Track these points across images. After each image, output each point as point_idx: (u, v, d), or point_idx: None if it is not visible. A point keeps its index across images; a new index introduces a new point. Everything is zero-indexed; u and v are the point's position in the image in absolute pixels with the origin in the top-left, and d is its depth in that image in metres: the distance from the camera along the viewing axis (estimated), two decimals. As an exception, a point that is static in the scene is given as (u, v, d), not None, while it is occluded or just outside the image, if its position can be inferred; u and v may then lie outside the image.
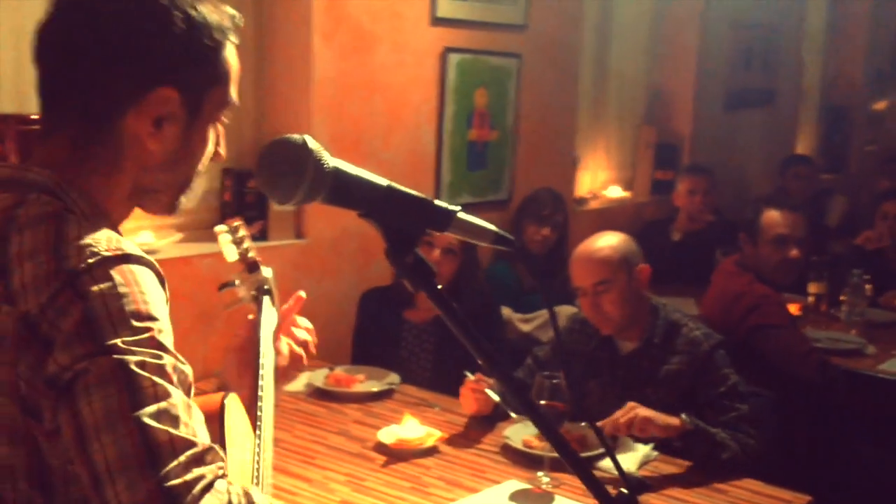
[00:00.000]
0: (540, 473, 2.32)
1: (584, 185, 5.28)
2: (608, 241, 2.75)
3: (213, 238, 3.33)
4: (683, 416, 2.44)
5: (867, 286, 4.01)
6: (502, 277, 4.05)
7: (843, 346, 3.64)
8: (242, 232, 1.76)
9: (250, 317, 1.70)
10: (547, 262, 4.23)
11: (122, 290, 1.03)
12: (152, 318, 1.05)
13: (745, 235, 3.44)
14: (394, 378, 3.01)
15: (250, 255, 1.76)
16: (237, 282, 1.74)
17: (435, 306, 0.97)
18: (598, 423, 2.44)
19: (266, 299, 1.72)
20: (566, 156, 4.79)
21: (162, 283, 1.13)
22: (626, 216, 5.24)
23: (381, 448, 2.50)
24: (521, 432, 2.56)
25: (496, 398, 2.61)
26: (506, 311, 3.70)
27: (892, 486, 3.15)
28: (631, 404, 2.44)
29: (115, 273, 1.05)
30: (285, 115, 3.44)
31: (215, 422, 1.33)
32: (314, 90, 3.40)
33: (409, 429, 2.52)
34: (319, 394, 2.91)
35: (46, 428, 1.02)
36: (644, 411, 2.42)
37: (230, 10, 1.25)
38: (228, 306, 1.76)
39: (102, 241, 1.07)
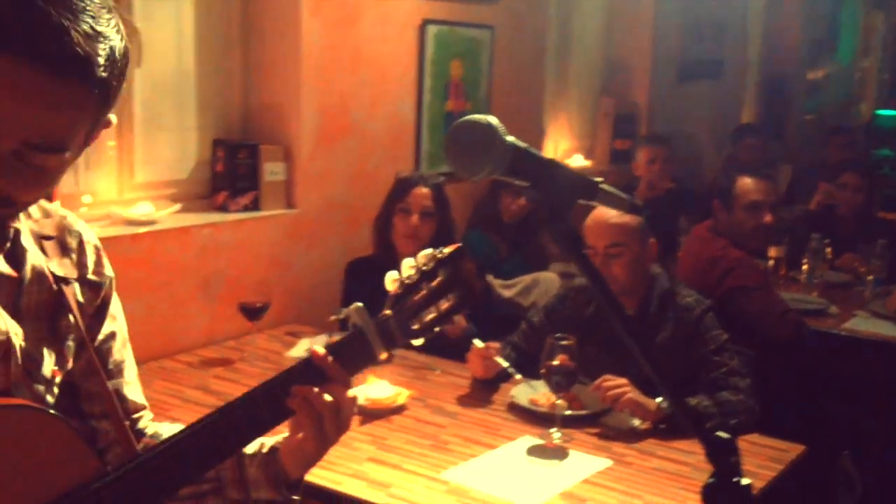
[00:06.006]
0: (552, 430, 2.44)
1: (548, 155, 5.39)
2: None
3: (208, 208, 3.38)
4: (659, 399, 2.50)
5: (827, 249, 4.21)
6: (478, 246, 4.15)
7: (806, 306, 3.83)
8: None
9: None
10: (520, 230, 4.35)
11: None
12: None
13: (718, 202, 3.58)
14: (392, 343, 3.10)
15: None
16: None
17: (581, 271, 1.05)
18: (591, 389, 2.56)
19: None
20: (535, 125, 4.90)
21: None
22: (589, 185, 5.37)
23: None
24: (525, 392, 2.68)
25: (504, 363, 2.71)
26: (487, 278, 3.81)
27: (866, 441, 3.34)
28: (624, 382, 2.51)
29: None
30: (274, 86, 3.46)
31: None
32: (302, 62, 3.43)
33: (379, 388, 2.62)
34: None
35: None
36: (633, 394, 2.49)
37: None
38: None
39: None
